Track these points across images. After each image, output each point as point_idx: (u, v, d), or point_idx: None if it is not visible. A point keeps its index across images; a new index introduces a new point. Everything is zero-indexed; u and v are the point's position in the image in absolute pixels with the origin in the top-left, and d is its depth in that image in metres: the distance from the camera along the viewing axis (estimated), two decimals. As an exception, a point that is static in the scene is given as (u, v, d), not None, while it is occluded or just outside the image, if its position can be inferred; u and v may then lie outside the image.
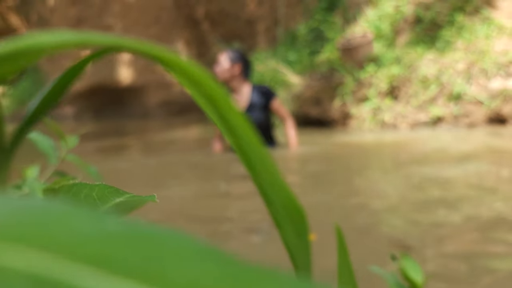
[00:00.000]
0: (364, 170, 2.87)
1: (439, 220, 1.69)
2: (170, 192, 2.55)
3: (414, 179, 2.45)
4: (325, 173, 2.88)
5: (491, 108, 4.34)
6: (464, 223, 1.66)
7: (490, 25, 5.10)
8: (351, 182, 2.53)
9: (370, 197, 2.17)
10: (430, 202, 1.96)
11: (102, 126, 9.31)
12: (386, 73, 5.00)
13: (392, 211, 1.90)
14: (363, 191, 2.32)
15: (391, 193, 2.20)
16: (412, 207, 1.90)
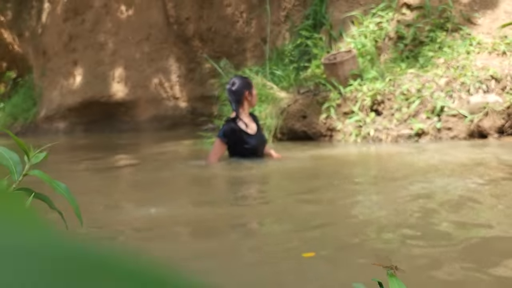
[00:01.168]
0: (349, 185, 2.79)
1: (425, 236, 1.61)
2: (162, 205, 2.45)
3: (399, 193, 2.37)
4: (311, 187, 2.79)
5: (472, 122, 4.31)
6: (449, 240, 1.58)
7: (470, 41, 5.11)
8: (336, 197, 2.44)
9: (355, 212, 2.09)
10: (416, 217, 1.88)
11: (93, 140, 9.15)
12: (370, 88, 4.97)
13: (378, 226, 1.82)
14: (348, 206, 2.23)
15: (376, 208, 2.12)
16: (398, 222, 1.81)
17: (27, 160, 1.08)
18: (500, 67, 4.48)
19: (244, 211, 2.29)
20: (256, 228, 1.97)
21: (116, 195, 2.97)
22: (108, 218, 2.25)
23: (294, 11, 7.09)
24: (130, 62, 11.03)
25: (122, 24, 11.06)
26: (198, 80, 10.64)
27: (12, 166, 1.07)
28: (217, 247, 1.69)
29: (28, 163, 1.06)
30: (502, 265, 1.32)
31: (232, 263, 1.50)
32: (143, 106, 11.10)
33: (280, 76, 6.36)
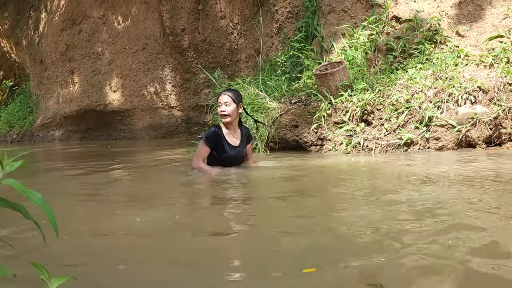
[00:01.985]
0: (338, 195, 2.75)
1: (413, 252, 1.56)
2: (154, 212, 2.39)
3: (386, 203, 2.33)
4: (300, 198, 2.75)
5: (460, 133, 4.29)
6: (437, 254, 1.53)
7: (458, 53, 5.11)
8: (323, 208, 2.40)
9: (339, 224, 2.04)
10: (404, 230, 1.83)
11: (89, 148, 9.07)
12: (360, 98, 4.95)
13: (364, 240, 1.77)
14: (335, 218, 2.18)
15: (364, 221, 2.07)
16: (385, 236, 1.77)
17: (0, 169, 1.02)
18: (487, 78, 4.47)
19: (228, 223, 2.24)
20: (243, 241, 1.91)
21: (108, 202, 2.90)
22: (99, 225, 2.19)
23: (286, 23, 7.09)
24: (126, 72, 10.99)
25: (119, 35, 11.03)
26: (192, 89, 10.60)
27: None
28: (205, 261, 1.64)
29: (2, 171, 1.00)
30: (491, 279, 1.27)
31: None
32: (139, 114, 11.04)
33: (272, 86, 6.34)
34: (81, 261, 1.67)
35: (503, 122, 4.16)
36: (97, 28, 11.26)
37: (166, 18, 10.22)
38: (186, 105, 10.76)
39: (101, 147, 9.13)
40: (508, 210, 1.99)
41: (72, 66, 11.71)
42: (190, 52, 10.24)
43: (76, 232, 2.05)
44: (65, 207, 2.68)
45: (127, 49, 10.94)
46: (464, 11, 5.60)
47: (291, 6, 6.98)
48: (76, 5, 11.49)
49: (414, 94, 4.76)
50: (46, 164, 6.40)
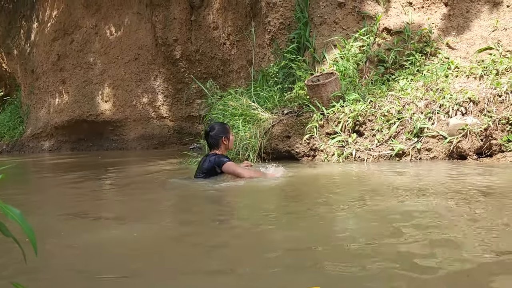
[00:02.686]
0: (329, 206, 2.73)
1: (400, 260, 1.54)
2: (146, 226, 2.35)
3: (376, 214, 2.32)
4: (291, 209, 2.73)
5: (451, 143, 4.31)
6: (425, 268, 1.52)
7: (449, 65, 5.16)
8: (314, 219, 2.38)
9: (331, 235, 2.02)
10: (397, 244, 1.82)
11: (79, 159, 8.98)
12: (352, 109, 4.97)
13: (352, 251, 1.75)
14: (326, 230, 2.17)
15: (350, 231, 2.05)
16: (377, 250, 1.75)
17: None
18: (477, 90, 4.51)
19: (219, 233, 2.21)
20: (232, 255, 1.88)
21: (98, 213, 2.86)
22: (87, 235, 2.15)
23: (279, 35, 7.13)
24: (118, 82, 10.95)
25: (111, 45, 11.01)
26: (185, 100, 10.59)
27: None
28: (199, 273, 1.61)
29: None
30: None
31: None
32: (131, 125, 10.98)
33: (264, 97, 6.34)
34: (61, 277, 1.63)
35: (494, 133, 4.18)
36: (89, 38, 11.24)
37: (158, 29, 10.23)
38: (178, 116, 10.73)
39: (91, 157, 9.05)
40: (493, 223, 1.98)
41: (64, 76, 11.65)
42: (183, 62, 10.24)
43: (55, 248, 2.01)
44: (47, 221, 2.64)
45: (119, 59, 10.92)
46: (453, 23, 5.67)
47: (283, 17, 7.03)
48: (68, 15, 11.47)
49: (406, 105, 4.78)
50: (33, 175, 6.33)
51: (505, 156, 4.10)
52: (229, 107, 6.06)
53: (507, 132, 4.16)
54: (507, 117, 4.15)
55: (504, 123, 4.17)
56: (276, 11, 7.08)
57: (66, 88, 11.64)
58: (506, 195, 2.60)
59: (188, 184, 3.79)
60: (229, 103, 6.14)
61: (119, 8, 10.88)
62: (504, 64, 4.72)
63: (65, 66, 11.57)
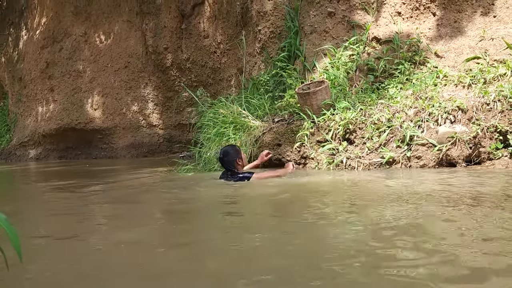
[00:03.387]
0: (319, 213, 2.73)
1: (388, 267, 1.54)
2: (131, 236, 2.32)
3: (364, 222, 2.32)
4: (280, 217, 2.72)
5: (441, 151, 4.34)
6: (413, 275, 1.51)
7: (437, 74, 5.22)
8: (304, 227, 2.37)
9: (318, 242, 2.01)
10: (378, 247, 1.82)
11: (67, 167, 8.88)
12: (342, 117, 4.99)
13: (340, 258, 1.75)
14: (315, 238, 2.16)
15: (347, 243, 2.05)
16: (365, 262, 1.75)
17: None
18: (466, 98, 4.57)
19: (205, 244, 2.20)
20: (218, 264, 1.87)
21: (84, 223, 2.82)
22: (74, 245, 2.12)
23: (269, 43, 7.16)
24: (108, 90, 10.90)
25: (101, 53, 10.97)
26: (175, 108, 10.57)
27: None
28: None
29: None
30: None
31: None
32: (120, 133, 10.91)
33: (255, 105, 6.35)
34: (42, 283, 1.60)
35: (482, 141, 4.23)
36: (79, 46, 11.18)
37: (149, 37, 10.23)
38: (168, 124, 10.70)
39: (79, 166, 8.96)
40: (481, 232, 1.99)
41: (52, 83, 11.56)
42: (173, 70, 10.24)
43: (39, 258, 1.97)
44: (31, 230, 2.60)
45: (109, 67, 10.88)
46: (442, 33, 5.76)
47: (274, 26, 7.07)
48: (57, 23, 11.42)
49: (395, 113, 4.82)
50: (17, 184, 6.23)
51: (493, 163, 4.14)
52: (220, 115, 6.05)
53: (495, 140, 4.21)
54: (495, 125, 4.20)
55: (492, 131, 4.22)
56: (266, 20, 7.12)
57: (54, 96, 11.55)
58: (496, 203, 2.62)
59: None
60: (219, 111, 6.14)
61: (109, 16, 10.86)
62: (491, 73, 4.79)
63: (54, 74, 11.49)
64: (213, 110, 6.42)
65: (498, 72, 4.76)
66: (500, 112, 4.27)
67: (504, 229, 1.97)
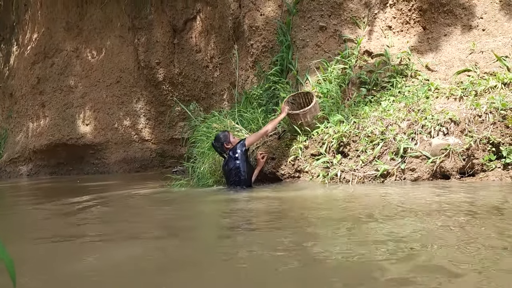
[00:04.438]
0: (313, 227, 2.71)
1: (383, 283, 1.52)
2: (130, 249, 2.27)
3: (358, 236, 2.30)
4: (275, 231, 2.69)
5: (435, 163, 4.36)
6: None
7: (429, 86, 5.27)
8: (298, 241, 2.35)
9: (311, 257, 1.99)
10: (373, 262, 1.80)
11: (58, 183, 8.77)
12: (336, 130, 5.00)
13: (337, 277, 1.72)
14: (310, 252, 2.14)
15: (332, 253, 2.03)
16: (360, 276, 1.73)
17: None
18: (458, 110, 4.60)
19: (199, 257, 2.16)
20: (219, 276, 1.83)
21: (76, 241, 2.76)
22: (64, 265, 2.07)
23: (261, 57, 7.20)
24: (99, 105, 10.85)
25: (93, 68, 10.95)
26: (167, 122, 10.54)
27: None
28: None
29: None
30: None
31: None
32: (112, 148, 10.84)
33: (248, 119, 6.35)
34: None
35: (475, 153, 4.25)
36: (70, 61, 11.16)
37: (141, 52, 10.24)
38: (160, 138, 10.66)
39: (70, 182, 8.86)
40: (478, 244, 1.99)
41: (43, 99, 11.50)
42: (165, 85, 10.24)
43: (32, 279, 1.92)
44: (20, 250, 2.54)
45: (101, 82, 10.85)
46: (432, 46, 5.83)
47: (266, 40, 7.11)
48: (48, 39, 11.40)
49: (388, 126, 4.84)
50: (6, 202, 6.13)
51: (487, 175, 4.16)
52: (213, 129, 6.04)
53: (488, 152, 4.23)
54: (488, 137, 4.24)
55: (485, 143, 4.25)
56: (259, 35, 7.17)
57: (45, 111, 11.47)
58: (491, 215, 2.62)
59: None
60: (213, 125, 6.13)
61: (101, 31, 10.87)
62: (482, 85, 4.85)
63: (45, 89, 11.43)
64: (206, 124, 6.40)
65: (489, 84, 4.81)
66: (492, 124, 4.31)
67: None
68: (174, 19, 9.85)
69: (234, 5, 8.06)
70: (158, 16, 9.98)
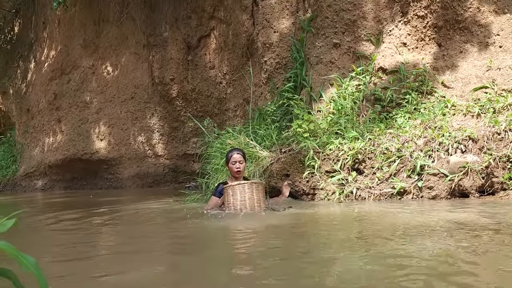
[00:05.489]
0: (328, 247, 2.64)
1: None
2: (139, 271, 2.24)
3: (377, 257, 2.24)
4: (288, 249, 2.64)
5: (453, 182, 4.27)
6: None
7: (445, 103, 5.21)
8: (313, 261, 2.29)
9: (330, 282, 1.93)
10: (392, 283, 1.74)
11: (72, 198, 8.81)
12: (351, 147, 4.95)
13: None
14: (323, 273, 2.08)
15: (354, 278, 1.97)
16: None
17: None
18: (476, 128, 4.53)
19: (220, 276, 2.11)
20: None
21: (95, 259, 2.74)
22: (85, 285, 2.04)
23: (275, 74, 7.21)
24: (114, 120, 10.94)
25: (108, 84, 11.08)
26: (181, 138, 10.57)
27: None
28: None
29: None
30: None
31: None
32: (126, 163, 10.88)
33: (262, 135, 6.33)
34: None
35: (495, 171, 4.16)
36: (86, 77, 11.31)
37: (155, 68, 10.34)
38: (173, 154, 10.68)
39: (84, 196, 8.89)
40: (499, 265, 1.92)
41: (60, 114, 11.64)
42: (179, 101, 10.30)
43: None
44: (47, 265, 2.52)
45: (116, 98, 10.96)
46: (448, 63, 5.78)
47: (280, 57, 7.13)
48: (66, 56, 11.59)
49: (405, 143, 4.78)
50: (22, 216, 6.16)
51: (508, 194, 4.07)
52: (227, 145, 6.02)
53: (508, 170, 4.14)
54: (508, 154, 4.15)
55: (505, 161, 4.16)
56: (272, 51, 7.19)
57: (61, 126, 11.60)
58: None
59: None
60: (227, 141, 6.11)
61: (116, 48, 11.02)
62: (500, 102, 4.77)
63: (61, 105, 11.58)
64: (220, 140, 6.39)
65: (507, 101, 4.74)
66: (511, 142, 4.22)
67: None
68: (188, 36, 9.95)
69: (248, 22, 8.12)
70: (173, 34, 10.09)
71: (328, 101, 6.09)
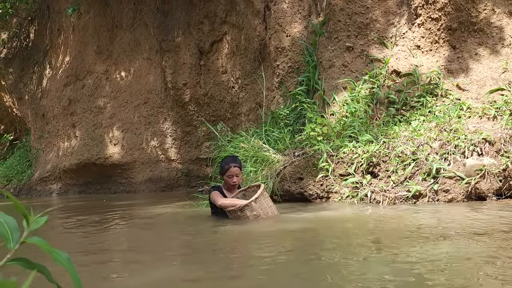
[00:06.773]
0: (343, 250, 2.64)
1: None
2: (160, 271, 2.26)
3: (394, 263, 2.23)
4: (301, 253, 2.64)
5: (470, 185, 4.23)
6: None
7: (461, 106, 5.17)
8: (325, 264, 2.29)
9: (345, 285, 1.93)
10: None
11: (87, 202, 8.90)
12: (365, 150, 4.93)
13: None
14: (339, 278, 2.07)
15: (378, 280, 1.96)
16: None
17: (26, 226, 0.95)
18: (492, 130, 4.49)
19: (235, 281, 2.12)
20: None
21: (111, 262, 2.77)
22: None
23: (287, 78, 7.22)
24: (127, 125, 11.05)
25: (121, 89, 11.20)
26: (193, 142, 10.63)
27: (8, 232, 0.94)
28: None
29: (27, 229, 0.93)
30: None
31: None
32: (139, 168, 10.97)
33: (275, 138, 6.34)
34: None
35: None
36: (100, 83, 11.45)
37: (168, 73, 10.43)
38: (186, 158, 10.73)
39: (98, 200, 8.98)
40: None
41: (74, 120, 11.79)
42: (192, 105, 10.36)
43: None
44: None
45: (129, 103, 11.07)
46: (462, 65, 5.74)
47: (292, 61, 7.15)
48: (80, 61, 11.75)
49: (420, 146, 4.75)
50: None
51: (525, 197, 4.01)
52: (241, 149, 6.04)
53: (526, 173, 4.09)
54: (525, 157, 4.10)
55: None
56: (285, 55, 7.21)
57: (75, 131, 11.75)
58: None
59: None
60: (240, 144, 6.14)
61: (130, 54, 11.15)
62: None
63: (76, 110, 11.73)
64: (234, 144, 6.42)
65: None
66: (529, 144, 4.17)
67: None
68: (201, 41, 10.02)
69: (260, 27, 8.16)
70: (185, 39, 10.18)
71: (341, 104, 6.08)
